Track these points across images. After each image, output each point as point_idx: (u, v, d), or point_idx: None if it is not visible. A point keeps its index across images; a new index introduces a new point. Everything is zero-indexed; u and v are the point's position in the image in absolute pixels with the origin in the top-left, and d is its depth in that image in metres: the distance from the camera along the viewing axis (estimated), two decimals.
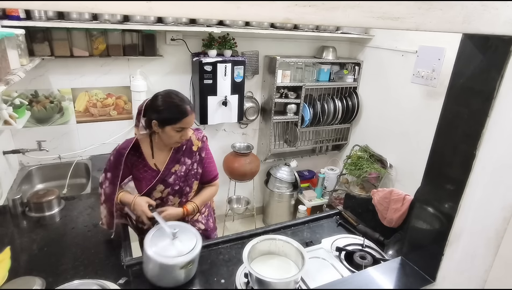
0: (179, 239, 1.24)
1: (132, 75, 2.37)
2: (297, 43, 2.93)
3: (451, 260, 1.06)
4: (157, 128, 1.34)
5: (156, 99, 1.33)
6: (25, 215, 1.66)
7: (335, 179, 3.22)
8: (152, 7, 0.50)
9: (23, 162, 2.26)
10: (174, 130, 1.33)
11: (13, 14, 1.77)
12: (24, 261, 1.35)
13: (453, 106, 0.97)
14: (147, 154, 1.45)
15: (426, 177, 1.10)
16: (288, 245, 1.28)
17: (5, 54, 1.44)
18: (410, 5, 0.65)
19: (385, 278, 1.15)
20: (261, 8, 0.56)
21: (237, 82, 2.59)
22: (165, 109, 1.31)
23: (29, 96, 2.18)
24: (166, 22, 2.18)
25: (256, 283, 1.15)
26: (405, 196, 1.64)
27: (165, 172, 1.45)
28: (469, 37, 0.89)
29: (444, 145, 1.01)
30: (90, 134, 2.42)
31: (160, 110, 1.31)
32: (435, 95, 2.35)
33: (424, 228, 1.13)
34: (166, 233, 1.25)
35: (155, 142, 1.44)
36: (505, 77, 0.83)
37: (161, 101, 1.32)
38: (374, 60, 2.92)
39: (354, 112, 3.08)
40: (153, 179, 1.44)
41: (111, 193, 1.41)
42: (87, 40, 2.15)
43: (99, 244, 1.48)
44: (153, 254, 1.17)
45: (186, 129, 1.36)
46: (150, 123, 1.35)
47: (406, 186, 2.64)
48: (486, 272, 1.10)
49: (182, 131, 1.35)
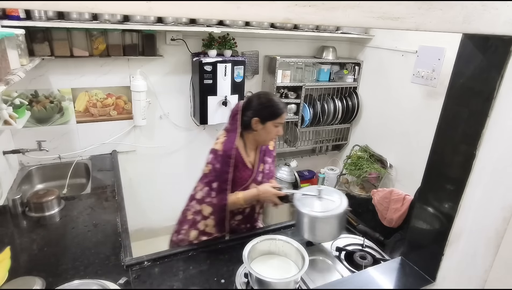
0: (325, 198, 1.38)
1: (132, 75, 2.37)
2: (297, 43, 2.93)
3: (451, 260, 1.06)
4: (257, 125, 1.43)
5: (258, 98, 1.45)
6: (25, 215, 1.66)
7: (335, 179, 3.22)
8: (152, 7, 0.50)
9: (23, 162, 2.26)
10: (273, 125, 1.44)
11: (13, 14, 1.77)
12: (24, 261, 1.35)
13: (453, 106, 0.97)
14: (243, 153, 1.51)
15: (426, 177, 1.10)
16: (288, 245, 1.28)
17: (5, 54, 1.44)
18: (410, 5, 0.65)
19: (385, 278, 1.15)
20: (261, 8, 0.56)
21: (237, 82, 2.59)
22: (268, 106, 1.42)
23: (29, 96, 2.18)
24: (166, 22, 2.18)
25: (256, 283, 1.15)
26: (405, 196, 1.64)
27: (256, 170, 1.53)
28: (469, 37, 0.89)
29: (444, 145, 1.01)
30: (90, 134, 2.42)
31: (262, 108, 1.42)
32: (435, 95, 2.35)
33: (424, 228, 1.13)
34: (311, 195, 1.40)
35: (248, 141, 1.51)
36: (505, 77, 0.83)
37: (263, 99, 1.44)
38: (374, 60, 2.92)
39: (354, 112, 3.08)
40: (248, 178, 1.51)
41: (221, 200, 1.42)
42: (87, 40, 2.15)
43: (99, 244, 1.48)
44: (312, 212, 1.32)
45: (282, 124, 1.47)
46: (249, 121, 1.43)
47: (406, 186, 2.64)
48: (486, 272, 1.10)
49: (279, 126, 1.46)
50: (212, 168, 1.43)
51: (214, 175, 1.42)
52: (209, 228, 1.48)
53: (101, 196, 1.91)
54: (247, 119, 1.44)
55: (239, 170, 1.48)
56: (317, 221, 1.35)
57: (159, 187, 2.89)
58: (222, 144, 1.43)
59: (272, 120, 1.42)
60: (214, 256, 1.41)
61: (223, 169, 1.40)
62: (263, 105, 1.43)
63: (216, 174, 1.41)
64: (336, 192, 1.42)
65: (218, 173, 1.41)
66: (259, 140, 1.50)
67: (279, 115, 1.42)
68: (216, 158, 1.42)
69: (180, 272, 1.31)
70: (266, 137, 1.48)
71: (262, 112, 1.42)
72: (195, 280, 1.27)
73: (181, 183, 2.97)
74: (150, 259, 1.35)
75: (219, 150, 1.42)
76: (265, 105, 1.43)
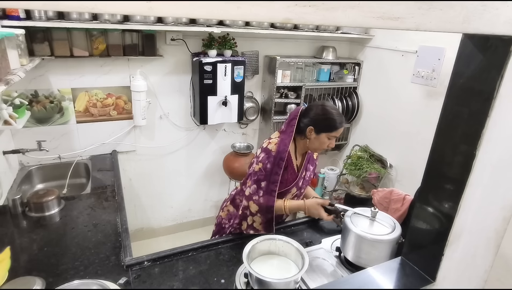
0: (378, 221, 1.37)
1: (132, 75, 2.37)
2: (297, 43, 2.93)
3: (451, 260, 1.06)
4: (311, 133, 1.45)
5: (317, 108, 1.45)
6: (25, 215, 1.66)
7: (335, 179, 3.22)
8: (152, 7, 0.50)
9: (23, 162, 2.26)
10: (327, 138, 1.45)
11: (13, 14, 1.77)
12: (24, 261, 1.36)
13: (453, 106, 0.97)
14: (293, 156, 1.54)
15: (426, 177, 1.10)
16: (288, 245, 1.28)
17: (5, 54, 1.44)
18: (410, 5, 0.65)
19: (385, 278, 1.15)
20: (261, 8, 0.56)
21: (237, 82, 2.59)
22: (325, 118, 1.43)
23: (29, 96, 2.18)
24: (166, 22, 2.18)
25: (256, 283, 1.15)
26: (405, 196, 1.64)
27: (300, 175, 1.56)
28: (469, 37, 0.89)
29: (444, 145, 1.01)
30: (90, 134, 2.42)
31: (319, 118, 1.43)
32: (435, 95, 2.35)
33: (424, 228, 1.13)
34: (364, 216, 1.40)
35: (299, 146, 1.54)
36: (505, 77, 0.83)
37: (322, 110, 1.44)
38: (374, 60, 2.92)
39: (354, 112, 3.08)
40: (293, 181, 1.53)
41: (268, 201, 1.44)
42: (87, 40, 2.15)
43: (99, 244, 1.48)
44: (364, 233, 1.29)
45: (335, 138, 1.48)
46: (304, 128, 1.46)
47: (406, 186, 2.64)
48: (486, 272, 1.10)
49: (332, 139, 1.47)
50: (263, 166, 1.44)
51: (264, 175, 1.43)
52: (256, 224, 1.50)
53: (101, 196, 1.91)
54: (303, 125, 1.46)
55: (287, 172, 1.51)
56: (364, 243, 1.30)
57: (159, 187, 2.89)
58: (276, 145, 1.44)
59: (327, 133, 1.44)
60: (214, 256, 1.41)
61: (274, 170, 1.42)
62: (322, 116, 1.43)
63: (266, 174, 1.43)
64: (391, 218, 1.40)
65: (268, 173, 1.43)
66: (310, 148, 1.52)
67: (334, 130, 1.44)
68: (269, 158, 1.43)
69: (180, 272, 1.31)
70: (318, 147, 1.49)
71: (319, 122, 1.43)
72: (195, 280, 1.27)
73: (181, 183, 2.98)
74: (150, 259, 1.35)
75: (272, 151, 1.44)
76: (324, 116, 1.43)
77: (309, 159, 1.61)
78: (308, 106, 1.50)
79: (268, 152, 1.44)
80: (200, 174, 3.00)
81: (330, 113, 1.44)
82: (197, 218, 3.22)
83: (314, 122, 1.44)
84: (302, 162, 1.59)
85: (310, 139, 1.47)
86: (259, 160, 1.46)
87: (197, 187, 3.05)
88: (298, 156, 1.57)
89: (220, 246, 1.47)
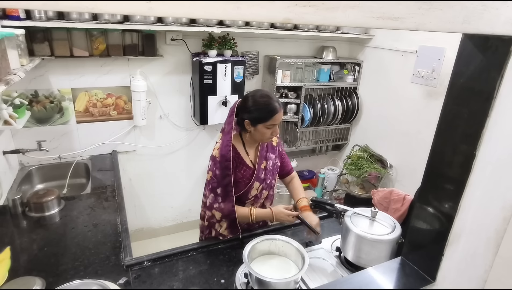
0: (378, 222, 1.37)
1: (132, 75, 2.37)
2: (297, 43, 2.93)
3: (451, 260, 1.06)
4: (249, 126, 1.42)
5: (247, 100, 1.41)
6: (25, 215, 1.66)
7: (335, 179, 3.22)
8: (152, 7, 0.50)
9: (23, 162, 2.26)
10: (265, 128, 1.41)
11: (13, 14, 1.77)
12: (24, 261, 1.36)
13: (453, 106, 0.97)
14: (242, 152, 1.50)
15: (426, 177, 1.10)
16: (288, 245, 1.28)
17: (5, 54, 1.44)
18: (410, 5, 0.65)
19: (385, 278, 1.15)
20: (261, 8, 0.56)
21: (237, 82, 2.59)
22: (256, 109, 1.39)
23: (29, 96, 2.18)
24: (166, 22, 2.18)
25: (256, 283, 1.15)
26: (405, 196, 1.64)
27: (258, 167, 1.52)
28: (469, 37, 0.89)
29: (444, 145, 1.01)
30: (90, 134, 2.42)
31: (251, 110, 1.39)
32: (435, 95, 2.35)
33: (424, 228, 1.13)
34: (364, 216, 1.41)
35: (246, 140, 1.51)
36: (505, 77, 0.83)
37: (251, 101, 1.40)
38: (374, 60, 2.92)
39: (354, 112, 3.08)
40: (251, 177, 1.50)
41: (229, 206, 1.42)
42: (87, 40, 2.15)
43: (99, 244, 1.48)
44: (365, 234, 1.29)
45: (276, 125, 1.44)
46: (242, 122, 1.43)
47: (406, 186, 2.64)
48: (486, 272, 1.10)
49: (272, 127, 1.42)
50: (213, 174, 1.44)
51: (216, 181, 1.42)
52: (222, 229, 1.50)
53: (101, 196, 1.91)
54: (241, 120, 1.43)
55: (240, 170, 1.49)
56: (364, 243, 1.30)
57: (159, 187, 2.89)
58: (219, 149, 1.43)
59: (262, 123, 1.39)
60: (214, 256, 1.41)
61: (224, 173, 1.40)
62: (253, 107, 1.39)
63: (217, 180, 1.42)
64: (391, 218, 1.40)
65: (219, 178, 1.41)
66: (256, 140, 1.49)
67: (268, 119, 1.38)
68: (215, 164, 1.43)
69: (180, 272, 1.31)
70: (261, 138, 1.45)
71: (253, 114, 1.39)
72: (195, 280, 1.27)
73: (181, 183, 2.98)
74: (150, 259, 1.35)
75: (216, 156, 1.42)
76: (256, 107, 1.39)
77: (267, 149, 1.57)
78: (243, 98, 1.45)
79: (214, 159, 1.44)
80: (200, 174, 3.00)
81: (259, 103, 1.39)
82: (197, 218, 3.18)
83: (249, 115, 1.40)
84: (256, 155, 1.54)
85: (251, 132, 1.44)
86: (208, 169, 1.47)
87: (197, 187, 3.04)
88: (249, 150, 1.53)
89: (220, 246, 1.47)
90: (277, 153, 1.63)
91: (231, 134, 1.40)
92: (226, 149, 1.40)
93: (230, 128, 1.41)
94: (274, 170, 1.60)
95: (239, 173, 1.48)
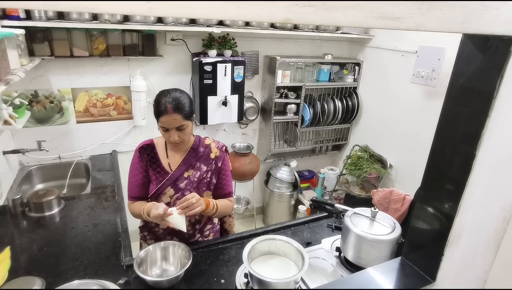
0: (378, 222, 1.36)
1: (132, 75, 2.37)
2: (297, 43, 2.94)
3: (451, 260, 1.06)
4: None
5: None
6: (25, 215, 1.66)
7: (335, 179, 3.22)
8: (152, 7, 0.50)
9: (23, 162, 2.26)
10: (161, 129, 1.32)
11: (13, 14, 1.77)
12: (24, 261, 1.36)
13: (453, 106, 0.97)
14: (161, 154, 1.44)
15: (426, 177, 1.10)
16: (288, 245, 1.28)
17: (5, 54, 1.44)
18: (410, 5, 0.65)
19: (385, 278, 1.15)
20: (261, 8, 0.56)
21: (237, 82, 2.59)
22: (154, 107, 1.32)
23: (29, 96, 2.18)
24: (166, 22, 2.18)
25: (256, 283, 1.15)
26: (405, 196, 1.64)
27: (176, 173, 1.40)
28: (469, 37, 0.89)
29: (444, 145, 1.01)
30: (90, 134, 2.42)
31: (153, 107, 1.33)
32: (435, 95, 2.35)
33: (424, 228, 1.13)
34: (364, 216, 1.39)
35: (169, 142, 1.42)
36: (505, 77, 0.83)
37: (156, 96, 1.33)
38: (374, 60, 2.92)
39: (354, 112, 3.08)
40: (162, 179, 1.40)
41: (128, 202, 1.44)
42: (87, 40, 2.15)
43: (99, 244, 1.48)
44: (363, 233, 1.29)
45: (171, 130, 1.30)
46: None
47: (406, 186, 2.64)
48: (486, 272, 1.10)
49: (167, 131, 1.31)
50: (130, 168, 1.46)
51: (129, 182, 1.44)
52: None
53: (101, 196, 1.91)
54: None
55: (154, 169, 1.42)
56: (364, 243, 1.30)
57: None
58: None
59: (158, 123, 1.31)
60: (214, 256, 1.41)
61: (133, 163, 1.43)
62: (153, 105, 1.32)
63: (129, 178, 1.44)
64: (391, 219, 1.39)
65: (130, 174, 1.43)
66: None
67: (158, 119, 1.30)
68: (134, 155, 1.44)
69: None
70: (166, 140, 1.37)
71: (154, 112, 1.32)
72: (195, 280, 1.27)
73: None
74: None
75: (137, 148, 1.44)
76: (154, 104, 1.31)
77: (198, 158, 1.43)
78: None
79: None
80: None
81: (156, 101, 1.30)
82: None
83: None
84: (180, 160, 1.42)
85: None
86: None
87: None
88: (171, 152, 1.43)
89: (220, 246, 1.47)
90: (212, 168, 1.45)
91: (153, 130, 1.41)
92: (144, 142, 1.45)
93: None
94: (201, 184, 1.43)
95: (153, 172, 1.43)
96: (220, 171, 1.47)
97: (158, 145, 1.45)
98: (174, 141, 1.32)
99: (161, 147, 1.45)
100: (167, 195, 1.40)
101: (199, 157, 1.44)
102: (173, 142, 1.33)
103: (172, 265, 1.31)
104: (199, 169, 1.43)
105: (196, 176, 1.42)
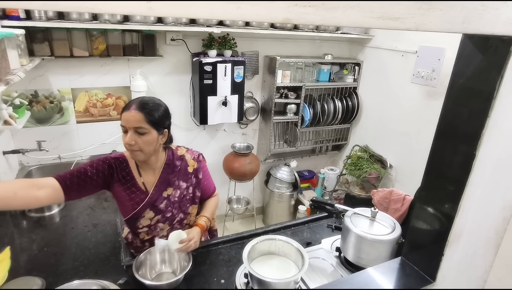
0: (378, 222, 1.36)
1: (132, 75, 2.37)
2: (297, 43, 2.94)
3: (451, 260, 1.06)
4: None
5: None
6: (25, 215, 1.66)
7: (335, 179, 3.22)
8: (152, 7, 0.50)
9: (23, 162, 2.26)
10: (122, 130, 1.20)
11: (13, 14, 1.77)
12: (24, 261, 1.36)
13: (453, 106, 0.97)
14: (134, 171, 1.30)
15: (426, 177, 1.10)
16: (288, 245, 1.28)
17: (5, 54, 1.44)
18: (410, 5, 0.65)
19: (385, 278, 1.15)
20: (261, 8, 0.56)
21: (237, 82, 2.59)
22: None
23: (29, 96, 2.18)
24: (166, 22, 2.18)
25: (256, 283, 1.15)
26: (405, 196, 1.64)
27: (155, 195, 1.30)
28: (469, 37, 0.89)
29: (444, 145, 1.01)
30: (90, 134, 2.42)
31: None
32: (435, 95, 2.35)
33: (424, 228, 1.13)
34: (364, 216, 1.38)
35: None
36: (505, 77, 0.83)
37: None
38: (374, 60, 2.92)
39: (354, 112, 3.08)
40: (141, 202, 1.28)
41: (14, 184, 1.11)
42: (87, 40, 2.15)
43: (99, 244, 1.48)
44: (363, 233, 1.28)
45: (129, 130, 1.17)
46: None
47: (406, 186, 2.64)
48: (486, 272, 1.10)
49: (126, 133, 1.19)
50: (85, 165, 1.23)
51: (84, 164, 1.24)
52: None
53: (101, 196, 1.91)
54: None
55: (128, 189, 1.28)
56: (364, 243, 1.30)
57: None
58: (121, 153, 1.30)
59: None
60: (214, 256, 1.41)
61: (94, 164, 1.21)
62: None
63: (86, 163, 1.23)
64: (391, 219, 1.39)
65: (88, 163, 1.22)
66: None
67: (121, 114, 1.18)
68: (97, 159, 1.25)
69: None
70: (123, 143, 1.20)
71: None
72: (195, 280, 1.27)
73: None
74: None
75: (108, 156, 1.27)
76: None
77: (175, 174, 1.33)
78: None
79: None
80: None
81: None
82: None
83: None
84: (155, 179, 1.31)
85: None
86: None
87: None
88: (143, 172, 1.30)
89: (220, 246, 1.47)
90: (193, 182, 1.38)
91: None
92: (116, 154, 1.28)
93: None
94: (183, 202, 1.36)
95: (125, 193, 1.28)
96: (201, 181, 1.43)
97: (131, 161, 1.30)
98: (127, 143, 1.17)
99: (133, 164, 1.30)
100: (146, 217, 1.32)
101: (176, 172, 1.34)
102: (126, 144, 1.18)
103: (172, 268, 1.31)
104: (179, 188, 1.35)
105: (176, 195, 1.34)
